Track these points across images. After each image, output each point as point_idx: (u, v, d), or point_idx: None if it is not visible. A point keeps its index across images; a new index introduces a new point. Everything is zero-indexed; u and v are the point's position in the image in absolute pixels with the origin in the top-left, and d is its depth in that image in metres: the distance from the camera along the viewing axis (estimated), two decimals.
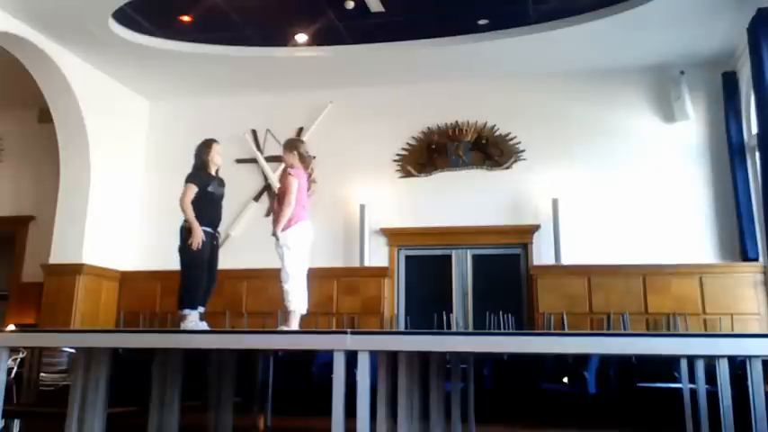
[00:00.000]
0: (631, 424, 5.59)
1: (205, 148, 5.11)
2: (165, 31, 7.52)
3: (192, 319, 4.77)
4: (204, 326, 4.80)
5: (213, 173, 5.13)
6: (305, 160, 5.05)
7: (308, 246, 5.00)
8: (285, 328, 4.74)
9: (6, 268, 9.25)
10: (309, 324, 6.33)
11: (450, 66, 7.96)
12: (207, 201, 4.97)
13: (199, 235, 4.83)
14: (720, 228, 7.36)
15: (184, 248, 4.88)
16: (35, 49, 7.29)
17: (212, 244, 5.02)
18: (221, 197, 5.16)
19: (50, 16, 6.89)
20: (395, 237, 8.15)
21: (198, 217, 4.87)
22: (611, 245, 7.48)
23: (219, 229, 5.19)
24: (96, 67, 8.14)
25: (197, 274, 4.86)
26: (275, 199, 5.03)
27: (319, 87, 8.51)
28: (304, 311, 4.86)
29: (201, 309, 4.90)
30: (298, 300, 4.78)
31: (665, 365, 5.84)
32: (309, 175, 5.07)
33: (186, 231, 4.89)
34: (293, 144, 5.15)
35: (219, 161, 5.18)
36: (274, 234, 4.82)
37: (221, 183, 5.18)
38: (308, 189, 5.08)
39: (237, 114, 8.78)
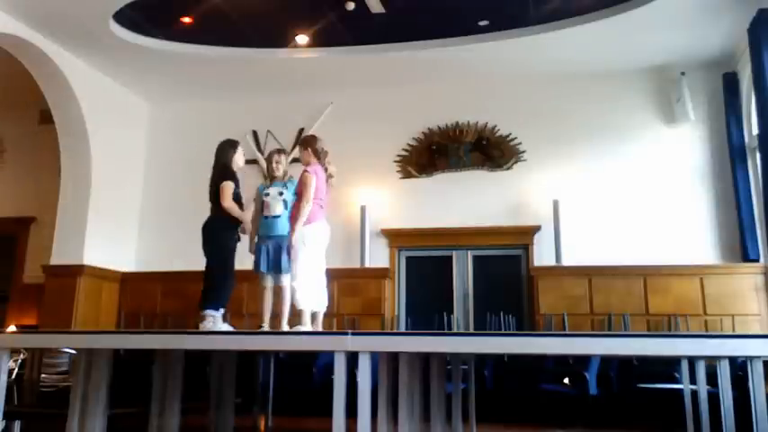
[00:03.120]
0: (632, 425, 5.58)
1: (229, 148, 5.00)
2: (166, 32, 7.52)
3: (213, 320, 4.67)
4: (227, 327, 4.76)
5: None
6: (320, 156, 5.00)
7: (323, 245, 4.95)
8: (301, 328, 4.69)
9: (7, 269, 9.25)
10: None
11: (451, 67, 7.96)
12: (237, 203, 4.95)
13: (250, 230, 4.89)
14: (721, 228, 7.36)
15: (213, 247, 4.77)
16: (36, 51, 7.30)
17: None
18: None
19: (52, 18, 6.90)
20: (395, 238, 8.15)
21: (231, 219, 4.82)
22: (611, 246, 7.48)
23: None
24: (97, 69, 8.15)
25: (228, 274, 4.78)
26: (294, 199, 4.97)
27: (320, 88, 8.52)
28: (318, 309, 4.78)
29: (222, 310, 4.86)
30: (306, 298, 4.66)
31: (666, 366, 5.84)
32: (326, 170, 5.01)
33: (211, 230, 4.82)
34: (307, 141, 5.07)
35: (242, 163, 5.13)
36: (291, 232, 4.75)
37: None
38: (326, 183, 5.02)
39: (238, 116, 8.78)
